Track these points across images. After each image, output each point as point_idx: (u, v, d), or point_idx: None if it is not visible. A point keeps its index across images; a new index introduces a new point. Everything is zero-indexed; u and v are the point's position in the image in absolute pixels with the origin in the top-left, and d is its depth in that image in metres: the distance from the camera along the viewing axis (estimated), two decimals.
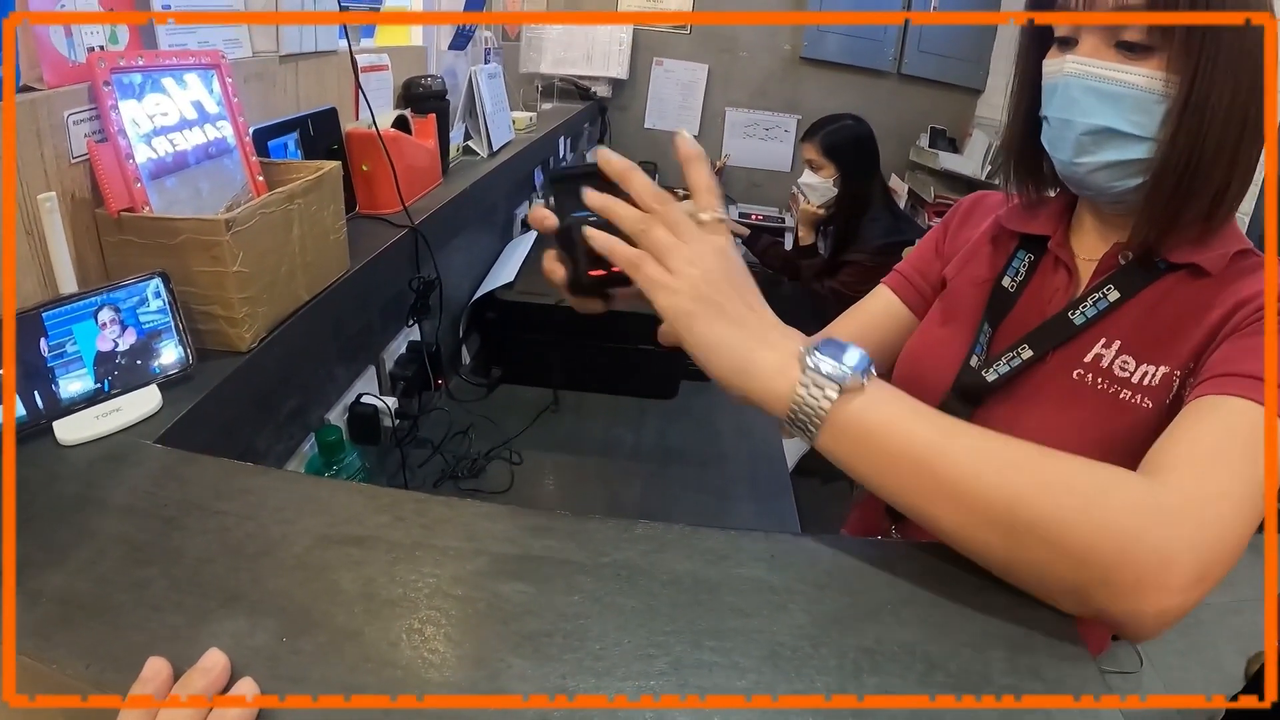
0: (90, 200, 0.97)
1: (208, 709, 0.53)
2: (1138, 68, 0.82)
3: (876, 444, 0.67)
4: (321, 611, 0.62)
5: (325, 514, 0.73)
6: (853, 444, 0.67)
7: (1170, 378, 0.85)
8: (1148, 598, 0.62)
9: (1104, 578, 0.62)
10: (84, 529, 0.70)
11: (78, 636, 0.59)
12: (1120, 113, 0.83)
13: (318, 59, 1.50)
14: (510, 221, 2.65)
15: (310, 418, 1.33)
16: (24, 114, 0.86)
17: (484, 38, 2.44)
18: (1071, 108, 0.86)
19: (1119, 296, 0.90)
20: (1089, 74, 0.84)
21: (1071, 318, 0.92)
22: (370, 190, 1.54)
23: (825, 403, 0.66)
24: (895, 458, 0.66)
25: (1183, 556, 0.62)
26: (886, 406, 0.68)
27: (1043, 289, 0.98)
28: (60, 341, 0.86)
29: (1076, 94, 0.85)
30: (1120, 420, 0.87)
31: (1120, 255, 0.92)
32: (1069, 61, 0.85)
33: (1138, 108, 0.82)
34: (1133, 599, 0.62)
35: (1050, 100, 0.89)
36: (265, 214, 1.00)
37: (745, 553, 0.72)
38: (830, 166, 2.99)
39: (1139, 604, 0.62)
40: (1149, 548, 0.62)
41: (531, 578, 0.67)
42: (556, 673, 0.58)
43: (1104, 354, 0.89)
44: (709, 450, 1.92)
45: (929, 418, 0.68)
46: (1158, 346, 0.87)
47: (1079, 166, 0.88)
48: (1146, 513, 0.63)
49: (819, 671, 0.59)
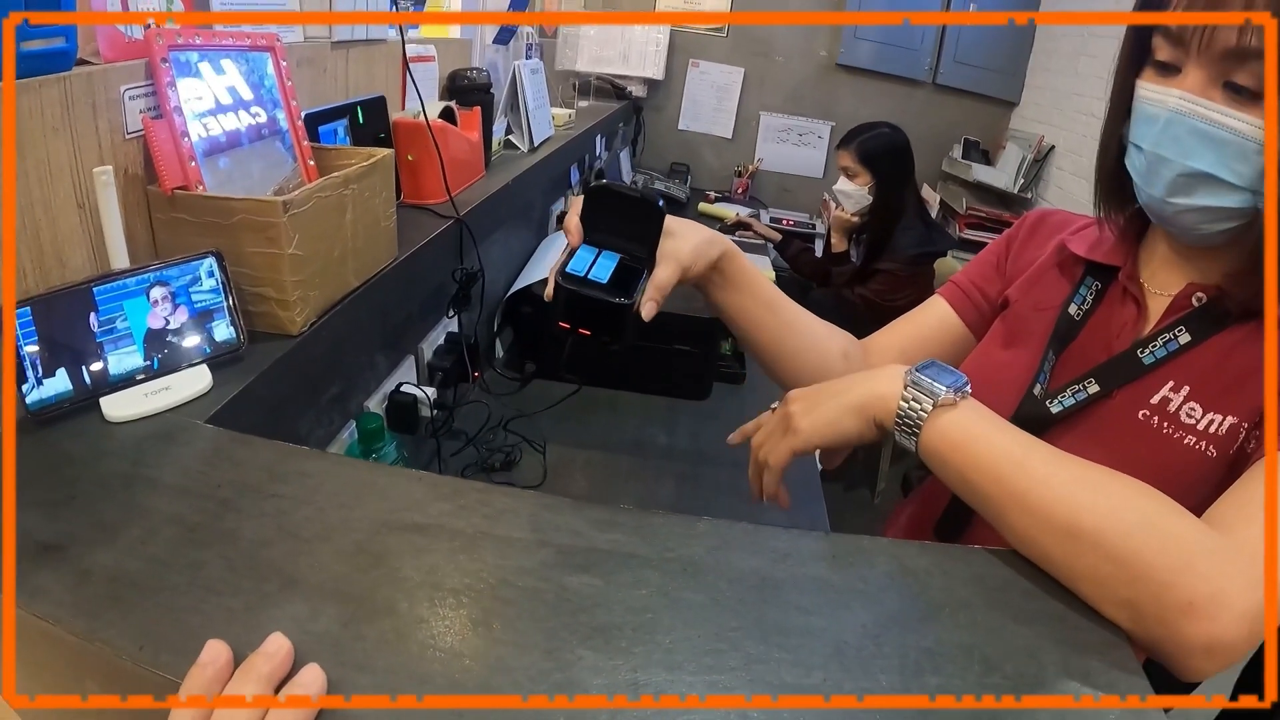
0: (143, 177, 0.96)
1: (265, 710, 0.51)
2: (1246, 114, 0.76)
3: (965, 451, 0.76)
4: (384, 598, 0.61)
5: (385, 500, 0.72)
6: (946, 449, 0.77)
7: (1237, 429, 0.83)
8: (1198, 623, 0.63)
9: (1157, 595, 0.64)
10: (134, 507, 0.69)
11: (130, 617, 0.58)
12: (1222, 160, 0.78)
13: (367, 47, 1.50)
14: (546, 217, 2.64)
15: (351, 404, 1.32)
16: (80, 87, 0.85)
17: (526, 33, 2.44)
18: (1171, 146, 0.81)
19: (1190, 340, 0.87)
20: (1195, 113, 0.78)
21: (1140, 356, 0.89)
22: (415, 180, 1.53)
23: (924, 412, 0.78)
24: (980, 464, 0.75)
25: (1235, 589, 0.64)
26: (975, 422, 0.77)
27: (1110, 320, 0.95)
28: (111, 317, 0.85)
29: (1180, 133, 0.80)
30: (1183, 465, 0.85)
31: (1194, 297, 0.89)
32: (1175, 96, 0.80)
33: (1240, 156, 0.77)
34: (1183, 622, 0.63)
35: (1148, 131, 0.83)
36: (321, 198, 1.00)
37: (807, 552, 0.72)
38: (865, 174, 2.97)
39: (1188, 629, 0.63)
40: (1202, 574, 0.64)
41: (598, 570, 0.66)
42: (628, 665, 0.57)
43: (1171, 398, 0.87)
44: (740, 452, 1.90)
45: (1011, 434, 0.76)
46: (1226, 396, 0.84)
47: (1169, 206, 0.84)
48: (1204, 544, 0.66)
49: (883, 670, 0.60)
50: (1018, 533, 0.72)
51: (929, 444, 0.78)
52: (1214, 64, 0.77)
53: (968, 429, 0.76)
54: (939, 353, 1.12)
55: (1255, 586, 0.64)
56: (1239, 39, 0.73)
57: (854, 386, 0.85)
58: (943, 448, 0.77)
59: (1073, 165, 3.64)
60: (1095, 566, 0.67)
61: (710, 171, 4.65)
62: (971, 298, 1.14)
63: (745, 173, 4.53)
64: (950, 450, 0.77)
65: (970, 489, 0.76)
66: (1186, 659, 0.65)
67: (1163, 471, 0.84)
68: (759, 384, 2.21)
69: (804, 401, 0.88)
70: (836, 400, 0.85)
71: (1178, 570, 0.64)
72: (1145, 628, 0.65)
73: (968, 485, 0.76)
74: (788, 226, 4.16)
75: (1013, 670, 0.60)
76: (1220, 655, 0.63)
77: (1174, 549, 0.65)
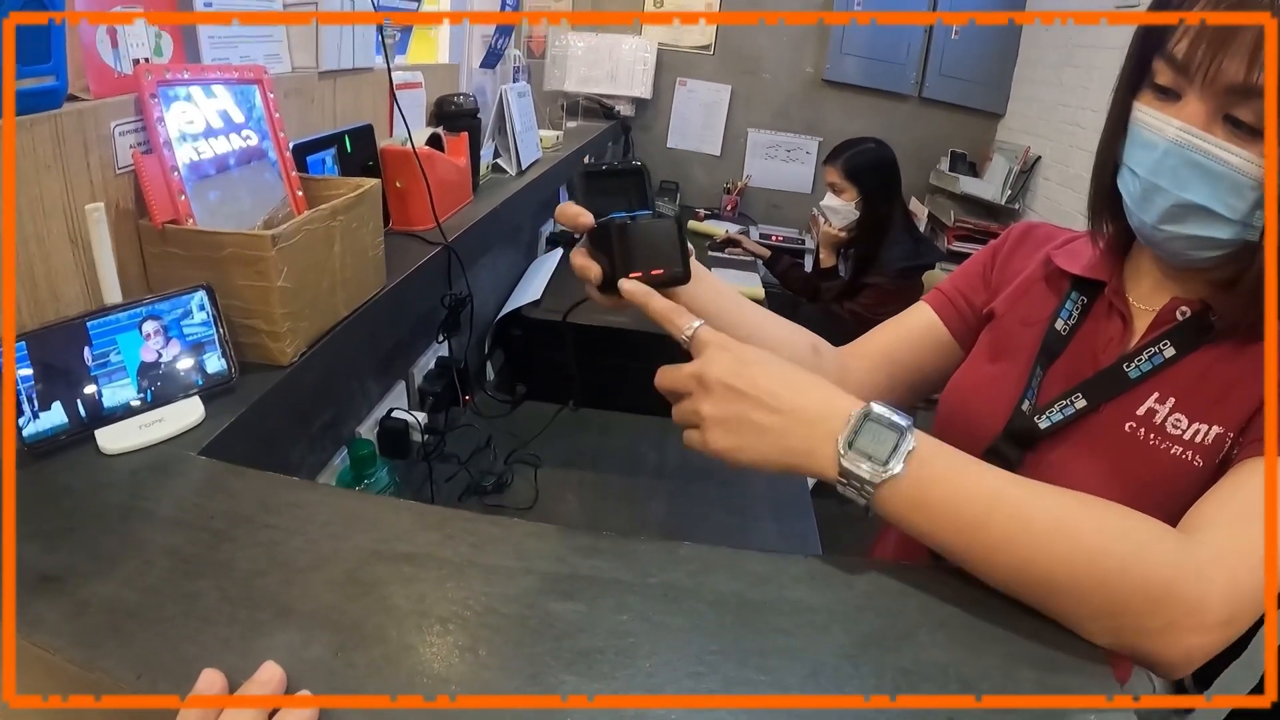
0: (133, 211, 0.97)
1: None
2: (1245, 150, 0.76)
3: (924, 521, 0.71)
4: (374, 626, 0.62)
5: (374, 530, 0.74)
6: (901, 520, 0.72)
7: (1223, 439, 0.84)
8: (1179, 640, 0.66)
9: (1137, 625, 0.66)
10: (131, 539, 0.71)
11: (128, 646, 0.60)
12: (1216, 194, 0.78)
13: (354, 76, 1.51)
14: (535, 239, 2.66)
15: (343, 431, 1.34)
16: (71, 124, 0.87)
17: (514, 55, 2.46)
18: (1166, 176, 0.81)
19: (1175, 354, 0.89)
20: (1193, 145, 0.78)
21: (1127, 370, 0.90)
22: (404, 207, 1.55)
23: (864, 499, 0.72)
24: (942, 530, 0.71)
25: (1213, 602, 0.66)
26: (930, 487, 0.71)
27: (1096, 335, 0.97)
28: (104, 351, 0.86)
29: (1177, 163, 0.80)
30: (1169, 474, 0.86)
31: (1178, 311, 0.90)
32: (1175, 126, 0.79)
33: (1235, 191, 0.77)
34: (1163, 641, 0.66)
35: (1144, 158, 0.84)
36: (309, 229, 1.01)
37: (787, 575, 0.73)
38: (852, 190, 3.00)
39: (1169, 645, 0.66)
40: (1179, 599, 0.66)
41: (581, 597, 0.67)
42: (609, 690, 0.58)
43: (1157, 409, 0.88)
44: (731, 470, 1.92)
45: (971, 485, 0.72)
46: (1212, 407, 0.85)
47: (1159, 232, 0.85)
48: (1180, 569, 0.67)
49: (859, 691, 0.61)
50: (992, 584, 0.71)
51: (885, 513, 0.72)
52: (1217, 97, 0.76)
53: (920, 494, 0.71)
54: (923, 358, 1.14)
55: (1233, 589, 0.67)
56: (1246, 76, 0.73)
57: (784, 439, 0.74)
58: (900, 515, 0.72)
59: (1059, 175, 3.67)
60: (1075, 609, 0.68)
61: (699, 189, 4.67)
62: (956, 305, 1.15)
63: (734, 189, 4.54)
64: (910, 516, 0.72)
65: (938, 546, 0.72)
66: (1169, 667, 0.67)
67: (1150, 482, 0.86)
68: None
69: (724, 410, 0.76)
70: (763, 445, 0.75)
71: (1155, 601, 0.66)
72: (1126, 646, 0.67)
73: (934, 543, 0.72)
74: (777, 242, 4.18)
75: (989, 688, 0.62)
76: (1200, 655, 0.66)
77: (1153, 582, 0.66)
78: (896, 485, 0.70)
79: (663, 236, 0.87)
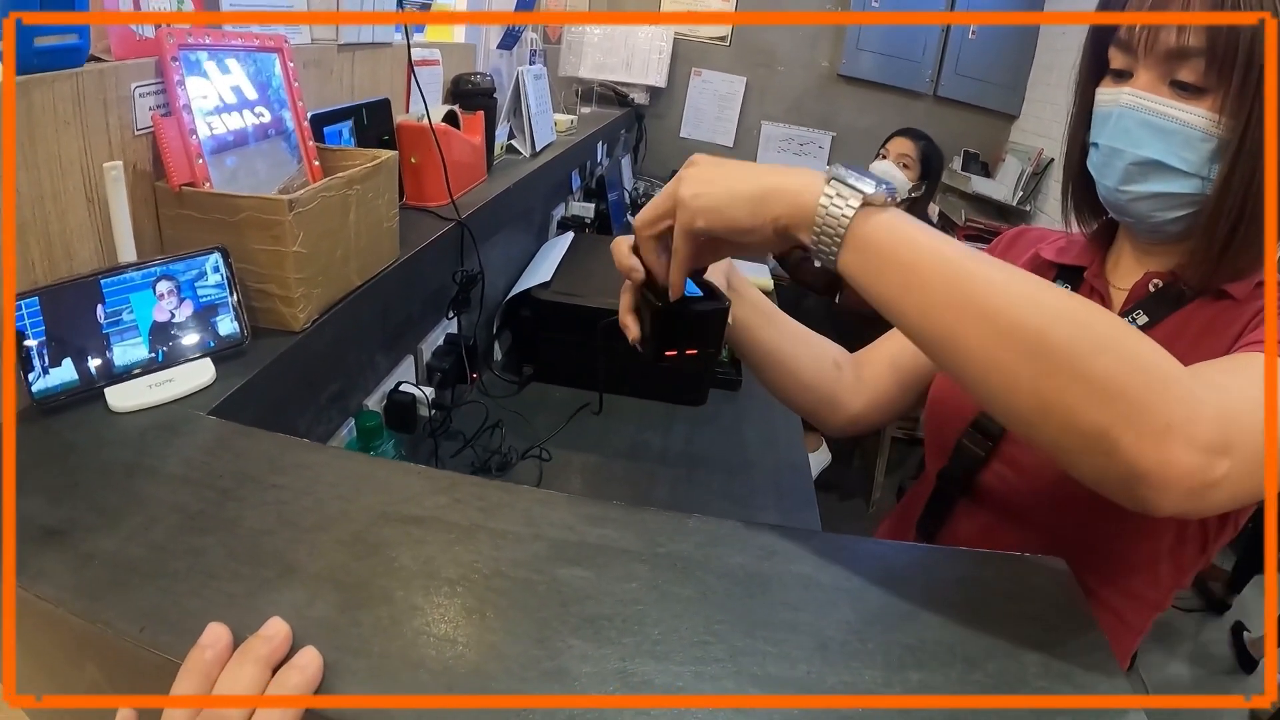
0: (150, 173, 0.98)
1: (267, 682, 0.53)
2: (1191, 106, 0.83)
3: (904, 258, 0.65)
4: (380, 587, 0.62)
5: (383, 492, 0.74)
6: (878, 258, 0.65)
7: None
8: (1174, 446, 0.59)
9: (1130, 417, 0.59)
10: (136, 495, 0.71)
11: (131, 600, 0.60)
12: (1170, 148, 0.85)
13: (373, 50, 1.51)
14: (547, 222, 2.65)
15: (350, 402, 1.34)
16: (91, 83, 0.87)
17: (530, 39, 2.45)
18: (1122, 138, 0.88)
19: (1146, 321, 0.92)
20: (1143, 107, 0.86)
21: None
22: (418, 182, 1.55)
23: (849, 210, 0.65)
24: (922, 273, 0.64)
25: (1208, 413, 0.60)
26: (911, 224, 0.66)
27: None
28: (117, 309, 0.87)
29: (1129, 125, 0.87)
30: None
31: (1150, 284, 0.94)
32: (1124, 93, 0.87)
33: (1187, 145, 0.84)
34: (1158, 446, 0.59)
35: (1102, 128, 0.91)
36: (326, 197, 1.01)
37: (794, 550, 0.73)
38: (917, 170, 3.08)
39: (1164, 453, 0.59)
40: (1176, 397, 0.60)
41: (589, 564, 0.67)
42: (616, 655, 0.58)
43: None
44: (735, 458, 1.92)
45: (956, 243, 0.65)
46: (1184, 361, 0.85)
47: (1123, 194, 0.90)
48: (1175, 370, 0.61)
49: (866, 665, 0.61)
50: (974, 351, 0.62)
51: (857, 247, 0.66)
52: (1159, 64, 0.84)
53: (903, 230, 0.65)
54: (923, 362, 1.14)
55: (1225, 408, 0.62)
56: (1178, 39, 0.81)
57: (763, 176, 0.71)
58: (876, 253, 0.65)
59: None
60: (1065, 388, 0.59)
61: None
62: None
63: None
64: (885, 256, 0.65)
65: (912, 301, 0.65)
66: (1164, 490, 0.60)
67: None
68: (755, 390, 2.22)
69: (701, 168, 0.74)
70: (737, 183, 0.71)
71: (1152, 388, 0.59)
72: (1118, 458, 0.59)
73: (909, 296, 0.65)
74: None
75: (994, 669, 0.61)
76: (1193, 483, 0.60)
77: (1148, 370, 0.60)
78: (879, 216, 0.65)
79: (708, 324, 0.82)
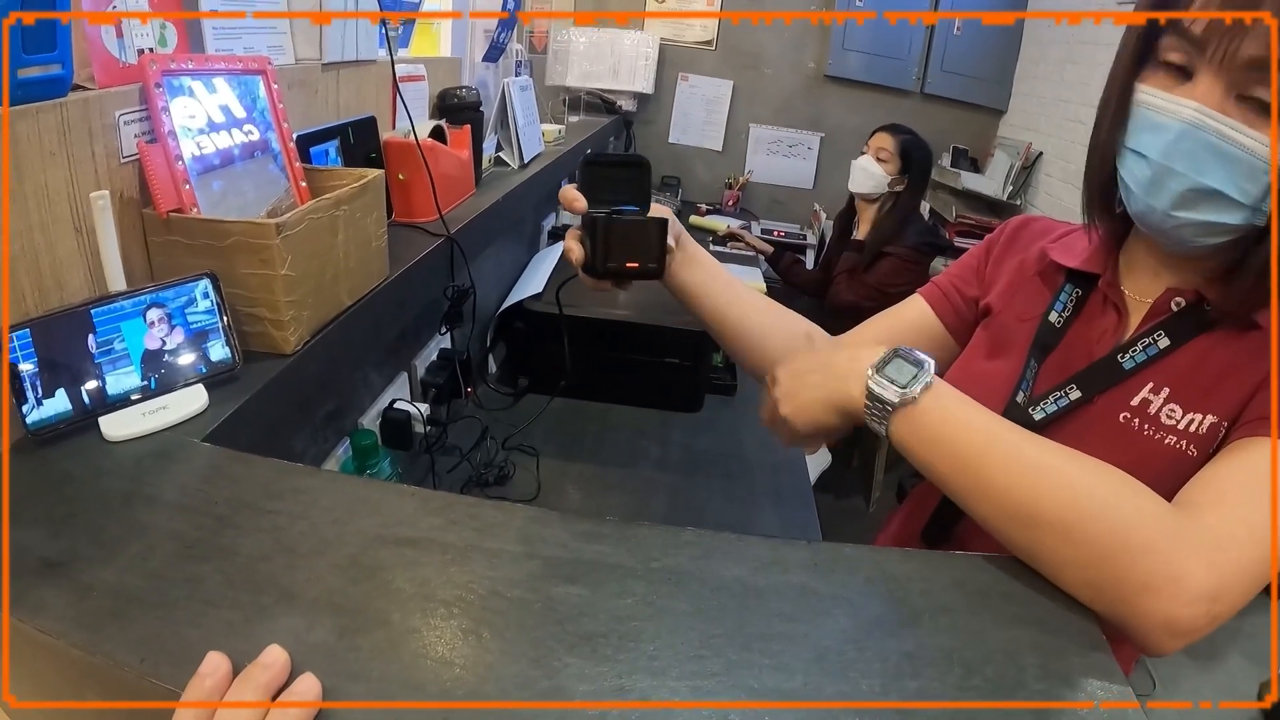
0: (138, 200, 0.97)
1: (267, 709, 0.53)
2: (1259, 132, 0.73)
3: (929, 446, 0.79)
4: (378, 610, 0.63)
5: (377, 515, 0.74)
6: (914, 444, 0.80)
7: (1218, 428, 0.84)
8: (1156, 604, 0.66)
9: (1116, 577, 0.67)
10: (134, 524, 0.71)
11: (131, 630, 0.60)
12: (1231, 177, 0.75)
13: (358, 68, 1.51)
14: (538, 232, 2.66)
15: (345, 421, 1.34)
16: (76, 112, 0.87)
17: (515, 50, 2.46)
18: (1183, 160, 0.77)
19: (1169, 344, 0.88)
20: (1210, 128, 0.75)
21: (1121, 361, 0.90)
22: (406, 198, 1.55)
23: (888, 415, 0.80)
24: (942, 459, 0.78)
25: (1195, 570, 0.66)
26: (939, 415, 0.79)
27: (1090, 328, 0.96)
28: (108, 338, 0.87)
29: (1193, 147, 0.76)
30: (1165, 465, 0.85)
31: (1173, 301, 0.89)
32: (1188, 107, 0.76)
33: (1250, 175, 0.75)
34: (1141, 605, 0.67)
35: (1155, 140, 0.80)
36: (313, 219, 1.01)
37: (789, 560, 0.73)
38: (896, 164, 3.07)
39: (1146, 608, 0.67)
40: (1160, 558, 0.67)
41: (584, 581, 0.67)
42: (613, 673, 0.59)
43: (1152, 400, 0.87)
44: (733, 462, 1.93)
45: (978, 421, 0.79)
46: (1206, 396, 0.85)
47: (1171, 219, 0.81)
48: (1165, 526, 0.69)
49: (863, 674, 0.61)
50: (982, 519, 0.76)
51: (897, 437, 0.81)
52: (1232, 73, 0.73)
53: (930, 422, 0.79)
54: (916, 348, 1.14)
55: (1215, 569, 0.67)
56: (1263, 48, 0.70)
57: (826, 379, 0.87)
58: (908, 441, 0.80)
59: (1060, 172, 3.67)
60: (1055, 550, 0.71)
61: (701, 184, 4.68)
62: (950, 299, 1.15)
63: (736, 185, 4.55)
64: (916, 443, 0.79)
65: (938, 478, 0.79)
66: (1147, 636, 0.68)
67: (1145, 472, 0.85)
68: (751, 395, 2.23)
69: (785, 385, 0.91)
70: (811, 392, 0.88)
71: (1137, 552, 0.67)
72: (1106, 606, 0.69)
73: (935, 475, 0.79)
74: (779, 238, 4.18)
75: (993, 673, 0.62)
76: (1181, 631, 0.67)
77: (1134, 532, 0.68)
78: (911, 410, 0.79)
79: (644, 234, 0.94)
